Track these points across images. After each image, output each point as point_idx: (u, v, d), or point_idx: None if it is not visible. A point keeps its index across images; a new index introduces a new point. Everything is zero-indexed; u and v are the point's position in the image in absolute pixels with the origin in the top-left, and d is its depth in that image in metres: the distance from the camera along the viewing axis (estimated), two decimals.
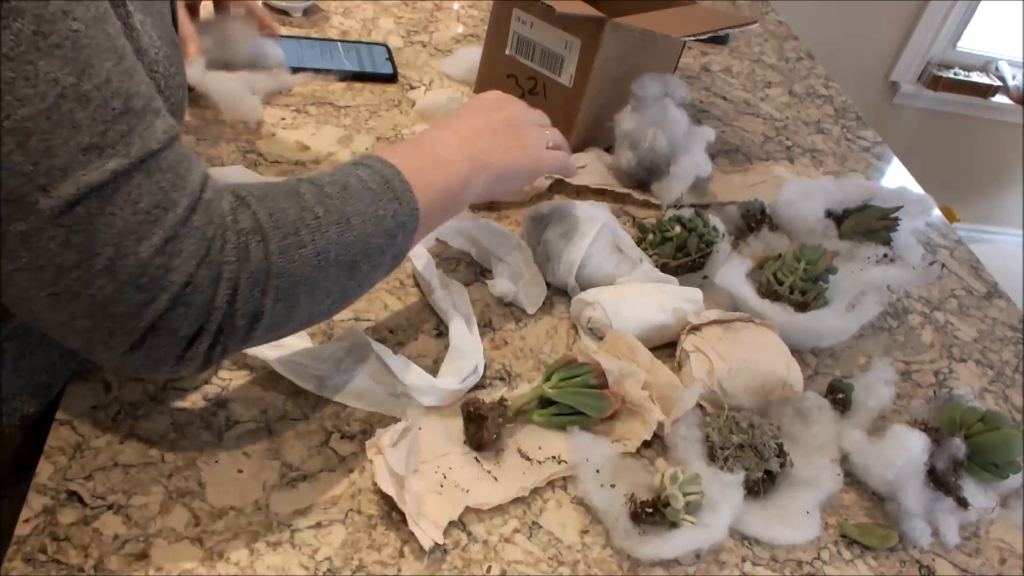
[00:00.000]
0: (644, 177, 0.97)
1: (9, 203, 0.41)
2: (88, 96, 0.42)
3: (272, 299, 0.51)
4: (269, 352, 0.66)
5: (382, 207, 0.57)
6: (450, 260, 0.84)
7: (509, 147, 0.70)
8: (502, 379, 0.73)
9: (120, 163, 0.43)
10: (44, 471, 0.57)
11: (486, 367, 0.72)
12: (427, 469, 0.63)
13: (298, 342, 0.68)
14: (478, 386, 0.71)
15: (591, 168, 0.99)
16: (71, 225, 0.43)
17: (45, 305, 0.45)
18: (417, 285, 0.79)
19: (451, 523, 0.60)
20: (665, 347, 0.79)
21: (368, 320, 0.74)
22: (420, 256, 0.79)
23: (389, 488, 0.59)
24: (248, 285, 0.49)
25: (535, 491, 0.64)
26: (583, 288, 0.80)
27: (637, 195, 0.98)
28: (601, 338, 0.76)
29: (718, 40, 1.43)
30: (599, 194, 0.96)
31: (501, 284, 0.80)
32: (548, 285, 0.82)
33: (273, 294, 0.50)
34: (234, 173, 0.83)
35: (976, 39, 2.75)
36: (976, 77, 2.77)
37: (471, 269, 0.83)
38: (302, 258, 0.51)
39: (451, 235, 0.84)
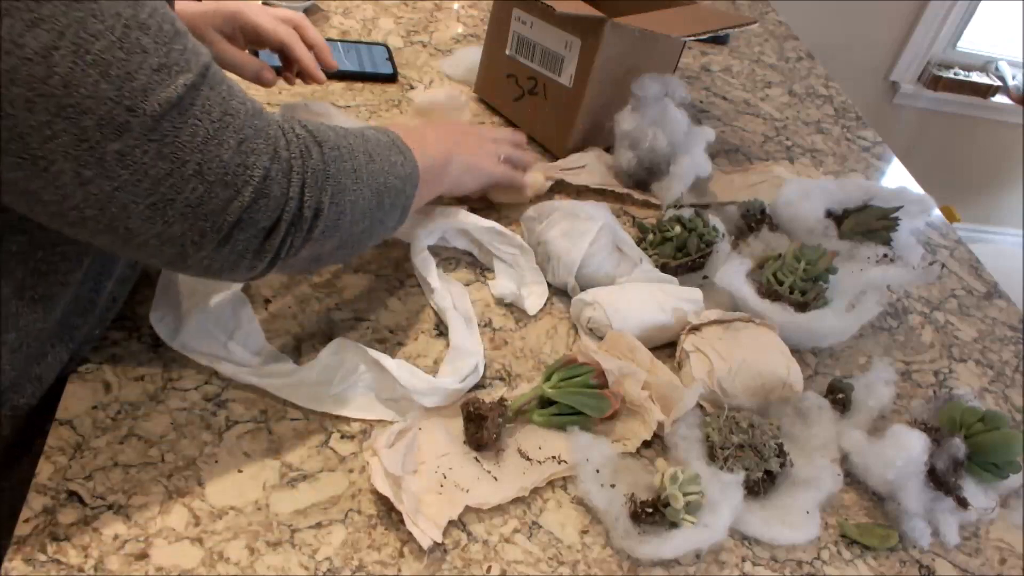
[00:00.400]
0: (644, 177, 0.97)
1: (103, 127, 0.46)
2: (146, 24, 0.46)
3: (329, 197, 0.57)
4: (259, 379, 0.65)
5: (394, 155, 0.66)
6: (450, 260, 0.84)
7: (471, 149, 0.82)
8: (502, 379, 0.73)
9: (187, 78, 0.48)
10: (44, 471, 0.57)
11: (486, 367, 0.72)
12: (427, 469, 0.63)
13: (286, 367, 0.67)
14: (478, 386, 0.71)
15: (591, 168, 0.99)
16: (160, 139, 0.48)
17: (144, 217, 0.50)
18: (417, 285, 0.79)
19: (451, 523, 0.60)
20: (665, 347, 0.79)
21: (368, 320, 0.74)
22: (420, 256, 0.79)
23: (385, 489, 0.59)
24: (312, 180, 0.56)
25: (535, 491, 0.64)
26: (583, 288, 0.80)
27: (637, 195, 0.98)
28: (601, 338, 0.76)
29: (718, 40, 1.43)
30: (599, 194, 0.96)
31: (502, 285, 0.80)
32: (548, 285, 0.82)
33: (329, 192, 0.57)
34: None
35: (976, 39, 2.75)
36: (976, 77, 2.77)
37: (471, 269, 0.83)
38: (344, 170, 0.59)
39: (453, 235, 0.84)
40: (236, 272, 0.56)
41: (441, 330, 0.75)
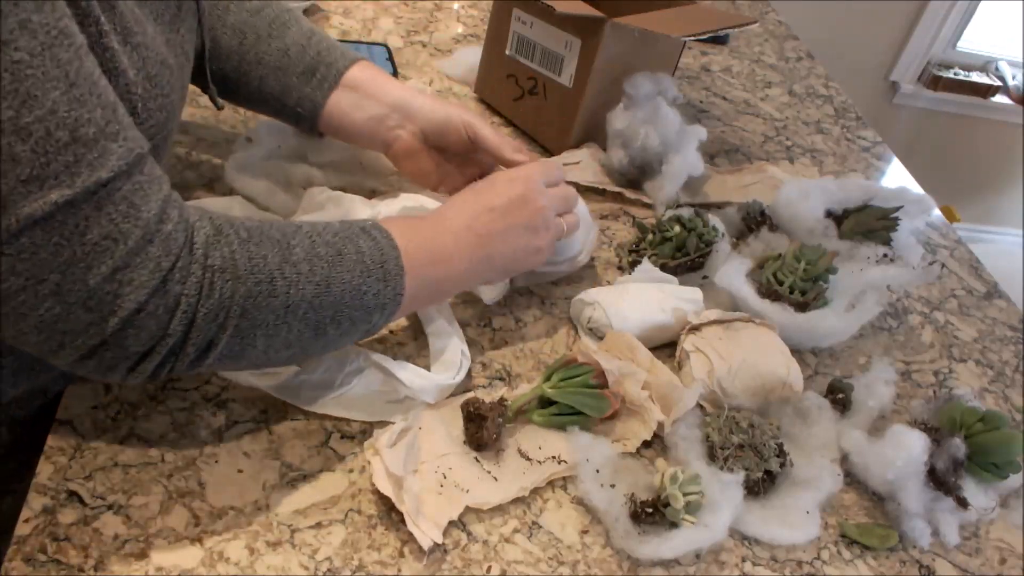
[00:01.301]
0: (636, 176, 0.97)
1: None
2: (28, 129, 0.41)
3: (228, 334, 0.52)
4: (259, 380, 0.65)
5: (368, 284, 0.58)
6: None
7: (519, 247, 0.69)
8: (502, 379, 0.73)
9: (63, 194, 0.43)
10: (44, 471, 0.57)
11: (485, 367, 0.72)
12: (427, 469, 0.63)
13: (287, 367, 0.66)
14: (478, 386, 0.71)
15: (584, 165, 0.98)
16: (15, 255, 0.43)
17: None
18: None
19: (451, 523, 0.60)
20: (665, 347, 0.79)
21: None
22: None
23: (387, 489, 0.59)
24: (206, 319, 0.50)
25: (535, 491, 0.64)
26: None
27: (629, 194, 0.97)
28: (601, 338, 0.76)
29: (718, 40, 1.43)
30: (599, 194, 0.96)
31: None
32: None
33: (231, 331, 0.52)
34: (221, 204, 0.79)
35: (976, 39, 2.75)
36: (976, 77, 2.77)
37: None
38: (270, 306, 0.52)
39: None
40: (107, 379, 0.52)
41: None
